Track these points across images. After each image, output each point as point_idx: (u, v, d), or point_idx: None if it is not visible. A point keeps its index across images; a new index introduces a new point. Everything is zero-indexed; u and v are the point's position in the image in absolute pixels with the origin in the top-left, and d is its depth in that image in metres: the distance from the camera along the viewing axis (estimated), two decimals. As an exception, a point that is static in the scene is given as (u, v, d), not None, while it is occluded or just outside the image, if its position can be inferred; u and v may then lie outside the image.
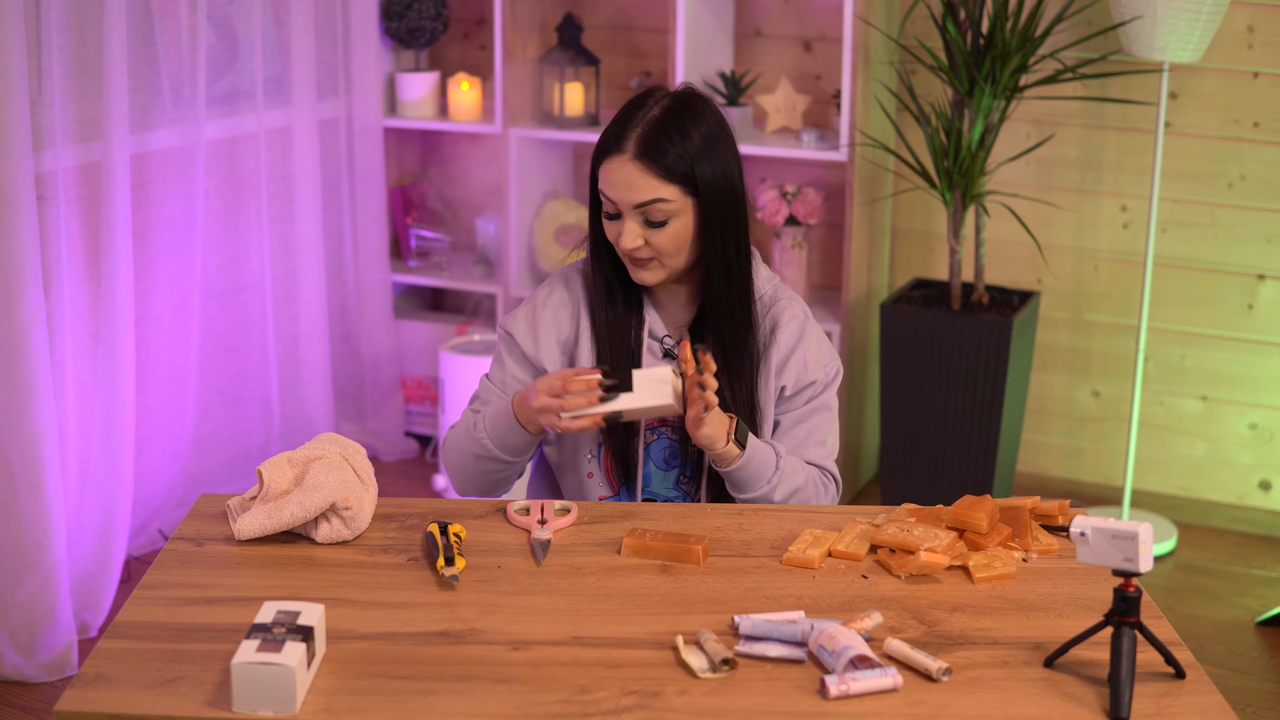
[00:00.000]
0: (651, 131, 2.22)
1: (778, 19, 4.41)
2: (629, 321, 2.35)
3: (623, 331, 2.34)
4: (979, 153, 3.85)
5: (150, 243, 3.77)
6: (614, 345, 2.33)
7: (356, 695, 1.69)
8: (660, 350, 2.36)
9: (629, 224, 2.23)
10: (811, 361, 2.37)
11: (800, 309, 2.39)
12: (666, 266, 2.27)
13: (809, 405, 2.38)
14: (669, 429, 2.35)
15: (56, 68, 3.37)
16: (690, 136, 2.23)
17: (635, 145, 2.21)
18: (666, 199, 2.22)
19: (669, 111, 2.24)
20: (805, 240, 4.27)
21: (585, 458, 2.36)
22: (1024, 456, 4.44)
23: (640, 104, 2.27)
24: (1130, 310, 4.24)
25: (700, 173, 2.23)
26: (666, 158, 2.21)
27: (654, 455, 2.35)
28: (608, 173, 2.23)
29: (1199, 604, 3.81)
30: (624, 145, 2.22)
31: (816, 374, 2.37)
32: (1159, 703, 1.70)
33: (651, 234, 2.23)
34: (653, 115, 2.24)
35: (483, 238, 4.69)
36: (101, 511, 3.56)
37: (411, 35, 4.53)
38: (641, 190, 2.21)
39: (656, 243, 2.24)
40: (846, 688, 1.69)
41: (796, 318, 2.37)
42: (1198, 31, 3.65)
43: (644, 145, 2.21)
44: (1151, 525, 1.80)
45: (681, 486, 2.37)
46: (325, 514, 2.06)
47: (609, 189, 2.23)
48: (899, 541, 2.01)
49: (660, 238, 2.24)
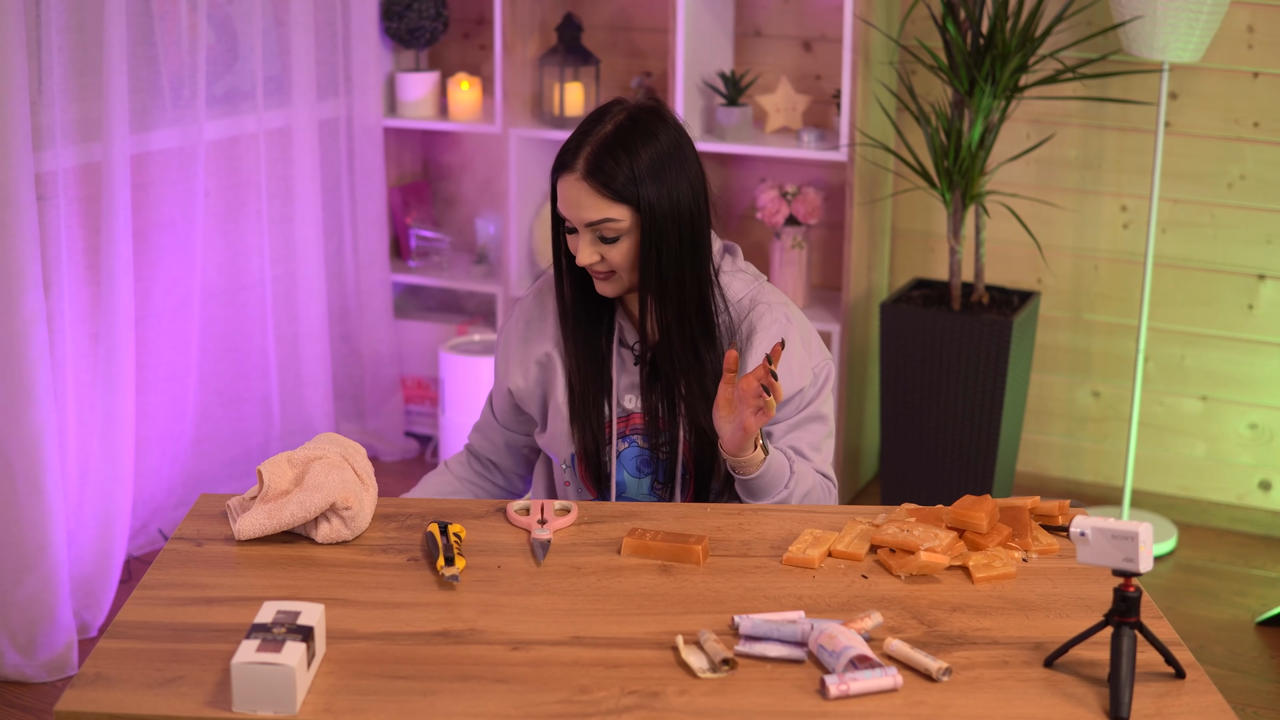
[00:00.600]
0: (601, 150, 2.21)
1: (778, 19, 4.41)
2: (599, 330, 2.36)
3: (592, 340, 2.35)
4: (979, 153, 3.85)
5: (150, 243, 3.77)
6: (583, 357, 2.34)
7: (356, 695, 1.69)
8: (631, 358, 2.35)
9: (583, 240, 2.24)
10: (796, 368, 2.31)
11: (781, 313, 2.33)
12: (624, 281, 2.28)
13: (801, 414, 2.33)
14: (639, 437, 2.35)
15: (56, 68, 3.37)
16: (639, 157, 2.21)
17: (584, 164, 2.21)
18: (615, 219, 2.22)
19: (621, 129, 2.22)
20: (805, 240, 4.27)
21: (560, 466, 2.38)
22: (1024, 456, 4.44)
23: (598, 119, 2.25)
24: (1130, 310, 4.24)
25: (643, 194, 2.21)
26: (614, 180, 2.20)
27: (625, 463, 2.35)
28: (561, 190, 2.24)
29: (1199, 604, 3.81)
30: (575, 164, 2.22)
31: (803, 380, 2.31)
32: (1159, 703, 1.70)
33: (606, 250, 2.24)
34: (605, 132, 2.22)
35: (483, 238, 4.69)
36: (101, 511, 3.56)
37: (411, 35, 4.53)
38: (590, 209, 2.22)
39: (611, 258, 2.24)
40: (846, 688, 1.69)
41: (777, 322, 2.32)
42: (1198, 31, 3.65)
43: (593, 165, 2.21)
44: (1151, 525, 1.80)
45: (656, 492, 2.36)
46: (325, 514, 2.06)
47: (562, 206, 2.25)
48: (899, 541, 2.01)
49: (614, 254, 2.24)
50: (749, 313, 2.32)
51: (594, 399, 2.34)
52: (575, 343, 2.35)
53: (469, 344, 4.44)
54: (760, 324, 2.31)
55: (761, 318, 2.32)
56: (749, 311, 2.33)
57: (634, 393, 2.35)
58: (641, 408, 2.34)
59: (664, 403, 2.33)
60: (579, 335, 2.35)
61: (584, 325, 2.35)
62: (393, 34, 4.54)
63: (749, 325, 2.32)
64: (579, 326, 2.35)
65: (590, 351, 2.35)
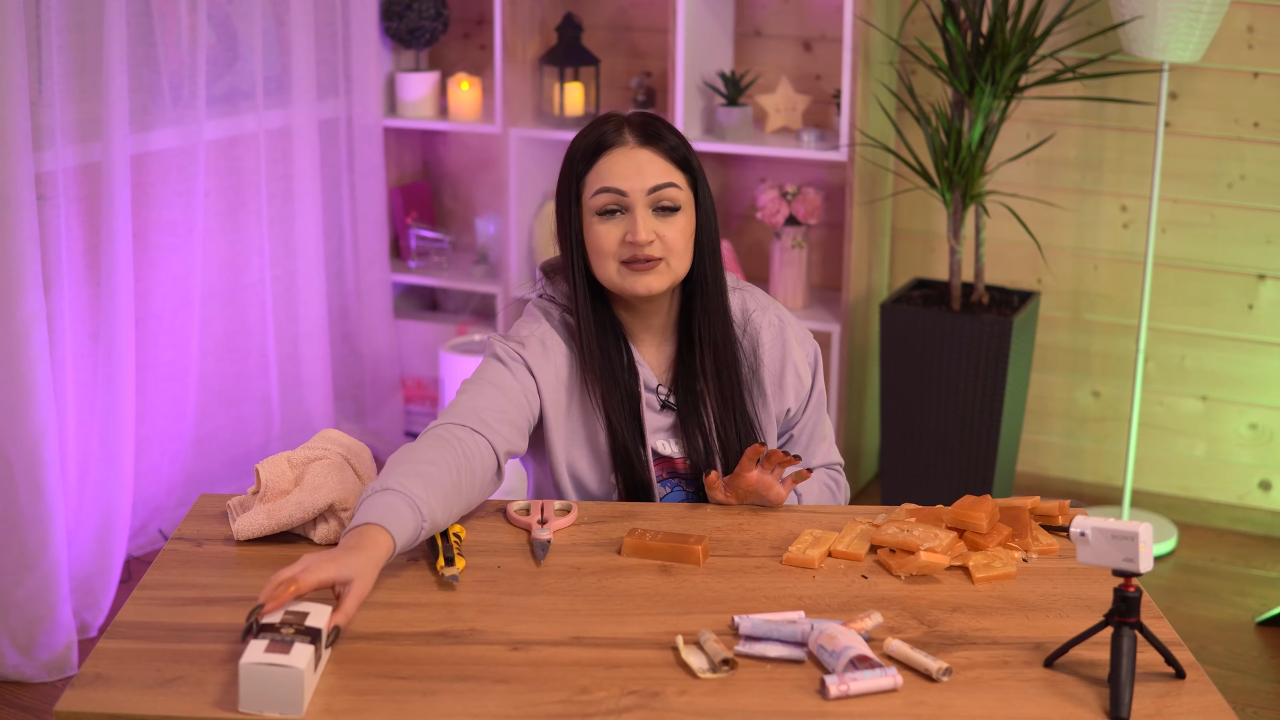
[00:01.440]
0: (647, 124, 2.19)
1: (778, 19, 4.41)
2: (622, 370, 2.24)
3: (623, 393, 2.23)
4: (979, 153, 3.85)
5: (150, 243, 3.77)
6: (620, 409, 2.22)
7: (356, 695, 1.69)
8: (658, 403, 2.26)
9: (640, 215, 2.14)
10: (802, 368, 2.32)
11: (773, 314, 2.32)
12: (673, 269, 2.18)
13: (809, 409, 2.36)
14: (682, 481, 2.29)
15: (56, 68, 3.37)
16: (680, 136, 2.22)
17: (636, 136, 2.17)
18: (676, 184, 2.17)
19: (645, 118, 2.21)
20: (805, 240, 4.27)
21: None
22: (1024, 456, 4.44)
23: (605, 121, 2.21)
24: (1130, 310, 4.24)
25: (695, 165, 2.20)
26: (673, 145, 2.18)
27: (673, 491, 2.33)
28: (610, 165, 2.15)
29: (1199, 604, 3.81)
30: (623, 139, 2.17)
31: (808, 376, 2.34)
32: (1159, 703, 1.70)
33: (662, 226, 2.15)
34: (632, 118, 2.20)
35: (483, 238, 4.69)
36: (101, 511, 3.56)
37: (411, 35, 4.53)
38: (654, 174, 2.15)
39: (667, 236, 2.15)
40: (846, 688, 1.69)
41: (772, 325, 2.30)
42: (1198, 31, 3.65)
43: (645, 134, 2.17)
44: (1151, 525, 1.80)
45: None
46: (324, 515, 2.06)
47: (616, 179, 2.14)
48: (899, 541, 2.01)
49: (671, 230, 2.16)
50: (746, 324, 2.30)
51: (633, 446, 2.23)
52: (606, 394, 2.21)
53: (469, 344, 4.44)
54: (760, 335, 2.30)
55: (759, 327, 2.30)
56: (745, 322, 2.31)
57: (662, 437, 2.27)
58: (684, 451, 2.27)
59: (701, 441, 2.25)
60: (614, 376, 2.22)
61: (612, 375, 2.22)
62: (393, 34, 4.54)
63: (750, 337, 2.30)
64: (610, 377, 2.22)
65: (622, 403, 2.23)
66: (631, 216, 2.15)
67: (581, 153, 2.18)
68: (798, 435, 2.36)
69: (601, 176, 2.16)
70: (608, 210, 2.17)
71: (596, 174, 2.17)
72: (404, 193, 4.76)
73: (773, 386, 2.30)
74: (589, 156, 2.17)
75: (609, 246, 2.17)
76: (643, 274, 2.17)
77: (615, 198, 2.15)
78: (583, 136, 2.20)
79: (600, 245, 2.17)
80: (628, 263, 2.17)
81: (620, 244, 2.16)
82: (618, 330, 2.25)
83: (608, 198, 2.16)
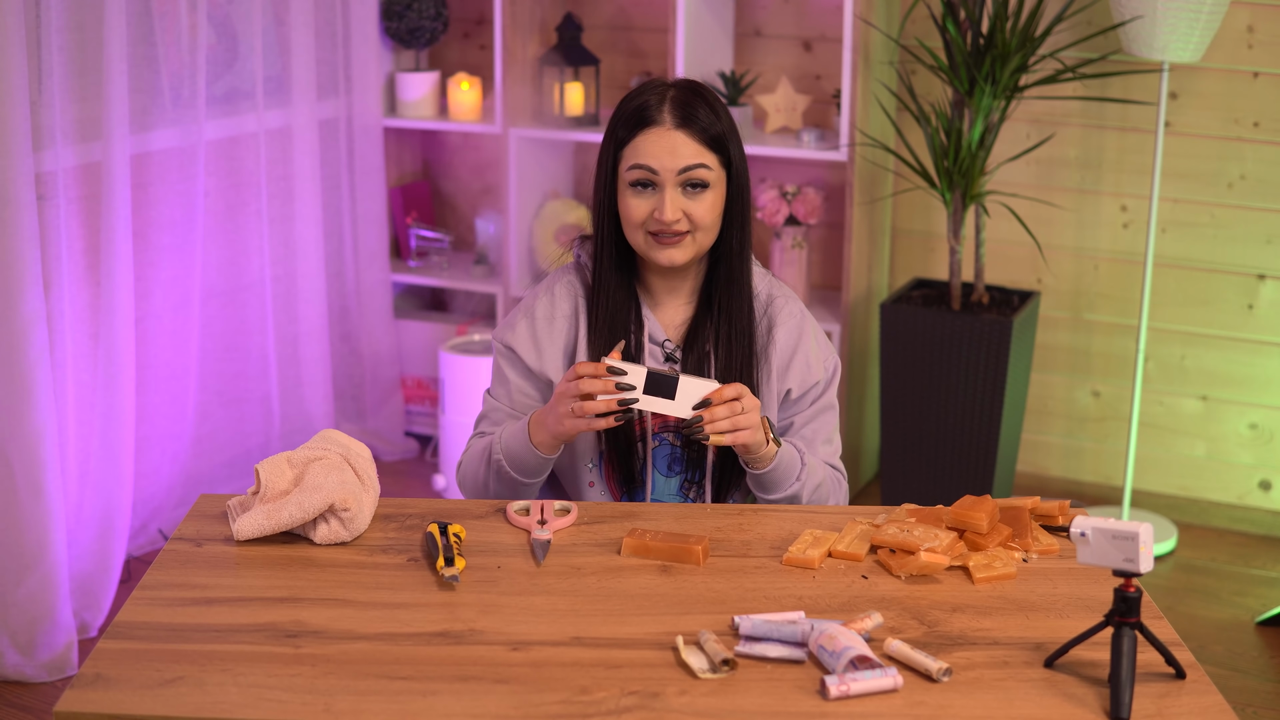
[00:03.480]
0: (684, 105, 2.25)
1: (778, 19, 4.41)
2: (628, 326, 2.34)
3: (622, 334, 2.32)
4: (979, 153, 3.85)
5: (150, 243, 3.77)
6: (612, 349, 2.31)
7: (356, 695, 1.69)
8: (661, 355, 2.34)
9: (669, 193, 2.24)
10: (814, 361, 2.37)
11: (797, 307, 2.39)
12: (698, 242, 2.27)
13: (815, 406, 2.38)
14: (670, 435, 2.34)
15: (56, 68, 3.37)
16: (717, 113, 2.28)
17: (674, 116, 2.25)
18: (708, 165, 2.25)
19: (685, 91, 2.28)
20: (805, 240, 4.27)
21: (585, 466, 2.34)
22: (1024, 456, 4.44)
23: (646, 91, 2.28)
24: (1130, 310, 4.24)
25: (730, 145, 2.28)
26: (706, 126, 2.25)
27: (657, 462, 2.34)
28: (644, 144, 2.24)
29: (1199, 604, 3.81)
30: (661, 117, 2.25)
31: (819, 374, 2.37)
32: (1159, 703, 1.70)
33: (690, 204, 2.25)
34: (672, 95, 2.27)
35: (483, 238, 4.69)
36: (101, 511, 3.56)
37: (411, 35, 4.53)
38: (686, 155, 2.23)
39: (695, 213, 2.24)
40: (847, 688, 1.69)
41: (794, 316, 2.37)
42: (1198, 31, 3.65)
43: (683, 115, 2.25)
44: (1151, 525, 1.80)
45: (684, 491, 2.36)
46: (324, 515, 2.06)
47: (649, 158, 2.24)
48: (899, 542, 2.01)
49: (699, 208, 2.25)
50: (768, 306, 2.37)
51: None
52: (606, 336, 2.32)
53: (469, 344, 4.44)
54: (779, 318, 2.37)
55: (780, 311, 2.37)
56: (768, 305, 2.37)
57: None
58: None
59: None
60: (614, 330, 2.32)
61: (614, 317, 2.32)
62: (393, 34, 4.54)
63: (769, 318, 2.37)
64: (613, 320, 2.32)
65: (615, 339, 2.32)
66: (661, 194, 2.25)
67: (624, 120, 2.28)
68: (798, 426, 2.38)
69: (637, 153, 2.26)
70: (639, 183, 2.26)
71: (633, 149, 2.26)
72: (404, 193, 4.76)
73: (779, 366, 2.35)
74: (630, 125, 2.27)
75: (638, 217, 2.27)
76: (667, 246, 2.27)
77: (647, 174, 2.25)
78: (628, 100, 2.29)
79: (630, 215, 2.28)
80: (655, 234, 2.27)
81: (649, 217, 2.26)
82: (633, 285, 2.35)
83: (640, 173, 2.26)
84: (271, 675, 1.72)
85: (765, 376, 2.34)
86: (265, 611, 1.87)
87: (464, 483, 2.37)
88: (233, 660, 1.75)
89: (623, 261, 2.34)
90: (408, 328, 4.74)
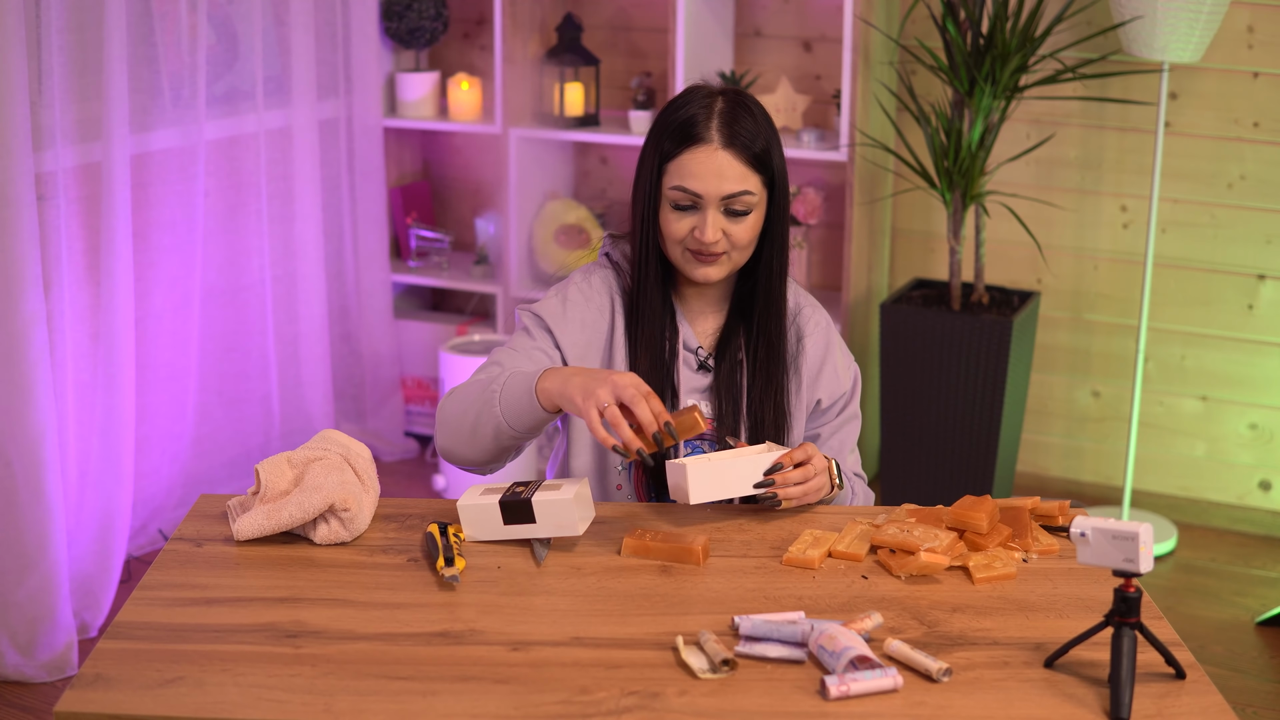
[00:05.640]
0: (732, 121, 2.20)
1: (778, 19, 4.41)
2: (664, 333, 2.30)
3: (658, 343, 2.29)
4: (979, 153, 3.85)
5: (150, 243, 3.77)
6: (651, 357, 2.28)
7: (356, 695, 1.69)
8: (695, 362, 2.31)
9: (711, 216, 2.20)
10: (842, 371, 2.37)
11: (823, 317, 2.38)
12: (734, 261, 2.25)
13: (841, 415, 2.39)
14: (704, 443, 2.32)
15: (56, 68, 3.37)
16: (760, 124, 2.22)
17: (721, 135, 2.19)
18: (751, 191, 2.21)
19: (732, 104, 2.22)
20: (805, 240, 4.27)
21: (615, 469, 2.32)
22: (1024, 456, 4.44)
23: (692, 100, 2.22)
24: (1130, 310, 4.24)
25: (774, 161, 2.23)
26: (752, 146, 2.20)
27: None
28: (691, 163, 2.19)
29: (1199, 604, 3.81)
30: (708, 136, 2.19)
31: (846, 383, 2.37)
32: (1159, 703, 1.70)
33: (731, 226, 2.21)
34: (720, 108, 2.21)
35: (483, 238, 4.69)
36: (101, 511, 3.56)
37: (411, 35, 4.53)
38: (732, 181, 2.19)
39: (735, 234, 2.21)
40: (847, 688, 1.69)
41: (821, 326, 2.36)
42: (1198, 31, 3.65)
43: (730, 135, 2.19)
44: (1151, 525, 1.80)
45: None
46: (324, 515, 2.06)
47: (692, 180, 2.19)
48: (899, 542, 2.01)
49: (739, 229, 2.21)
50: (796, 316, 2.36)
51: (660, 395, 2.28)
52: (642, 342, 2.28)
53: (469, 344, 4.44)
54: (807, 328, 2.36)
55: (808, 321, 2.36)
56: (796, 315, 2.36)
57: (695, 397, 2.31)
58: (714, 414, 2.30)
59: (731, 407, 2.30)
60: (651, 335, 2.29)
61: (652, 325, 2.29)
62: (393, 34, 4.54)
63: (797, 329, 2.35)
64: (649, 325, 2.29)
65: (655, 353, 2.29)
66: (703, 215, 2.21)
67: (670, 132, 2.22)
68: (826, 437, 2.38)
69: (682, 173, 2.20)
70: (681, 205, 2.22)
71: (678, 166, 2.21)
72: (404, 193, 4.76)
73: (809, 376, 2.34)
74: (676, 139, 2.21)
75: (677, 234, 2.24)
76: (704, 264, 2.24)
77: (690, 197, 2.21)
78: (674, 109, 2.23)
79: (670, 231, 2.24)
80: (693, 251, 2.24)
81: (688, 235, 2.23)
82: (668, 292, 2.31)
83: (683, 196, 2.22)
84: (271, 675, 1.72)
85: (796, 388, 2.33)
86: (265, 611, 1.87)
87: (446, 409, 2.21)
88: (233, 660, 1.75)
89: (661, 267, 2.30)
90: (408, 328, 4.74)
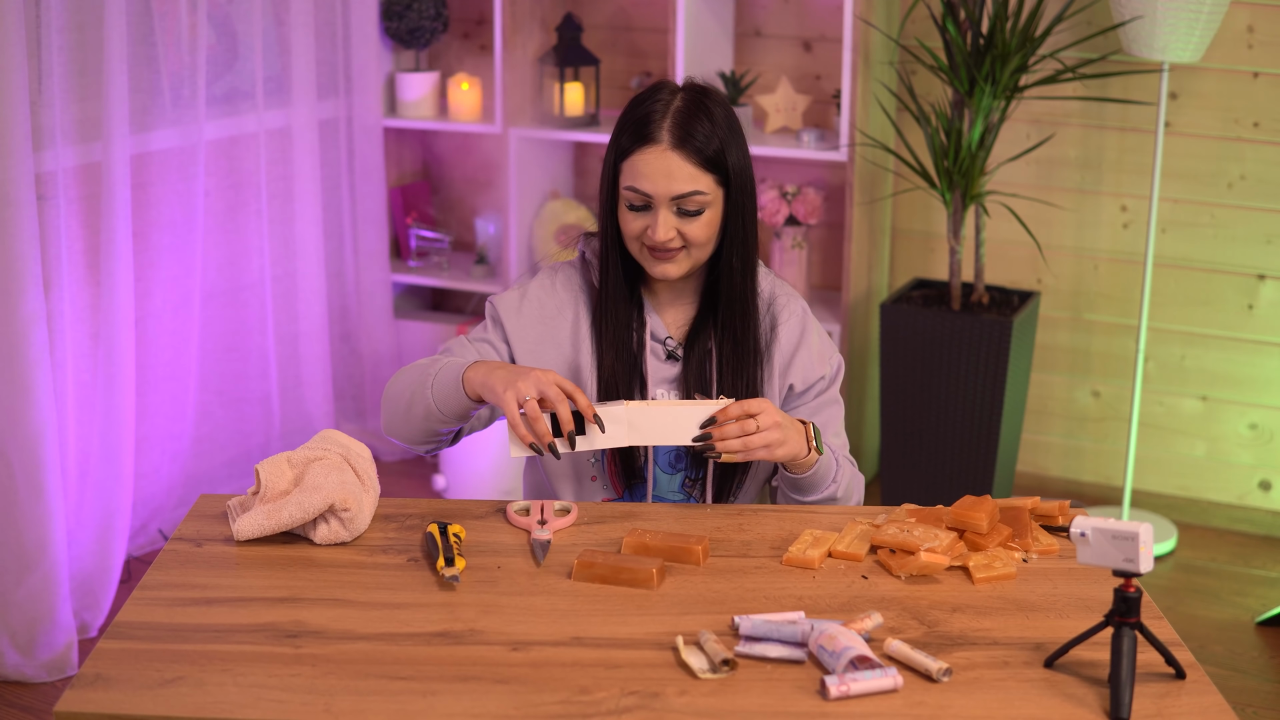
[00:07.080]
0: (685, 121, 2.21)
1: (778, 19, 4.41)
2: (630, 324, 2.33)
3: (625, 334, 2.32)
4: (979, 153, 3.85)
5: (150, 243, 3.77)
6: (618, 348, 2.31)
7: (356, 695, 1.69)
8: (663, 352, 2.34)
9: (663, 215, 2.21)
10: (816, 356, 2.37)
11: (799, 305, 2.39)
12: (693, 257, 2.26)
13: (819, 399, 2.38)
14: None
15: (56, 68, 3.37)
16: (717, 124, 2.23)
17: (671, 135, 2.20)
18: (703, 191, 2.21)
19: (690, 102, 2.23)
20: (805, 240, 4.27)
21: (588, 461, 2.34)
22: (1024, 456, 4.44)
23: (653, 97, 2.25)
24: (1130, 310, 4.24)
25: (730, 160, 2.23)
26: (704, 147, 2.21)
27: (660, 458, 2.34)
28: (641, 164, 2.21)
29: (1199, 604, 3.81)
30: (658, 136, 2.20)
31: (823, 369, 2.37)
32: (1159, 703, 1.70)
33: (684, 224, 2.22)
34: (677, 106, 2.22)
35: (483, 238, 4.69)
36: (101, 511, 3.56)
37: (411, 35, 4.53)
38: (681, 181, 2.20)
39: (690, 233, 2.22)
40: (847, 688, 1.69)
41: (796, 314, 2.37)
42: (1198, 31, 3.65)
43: (681, 135, 2.20)
44: (1151, 525, 1.80)
45: (686, 489, 2.36)
46: (324, 515, 2.06)
47: (642, 181, 2.21)
48: (899, 542, 2.01)
49: (694, 228, 2.22)
50: (771, 304, 2.37)
51: (628, 394, 2.30)
52: (608, 334, 2.31)
53: (469, 344, 4.44)
54: (781, 316, 2.36)
55: (782, 309, 2.37)
56: (770, 303, 2.37)
57: (664, 387, 2.33)
58: None
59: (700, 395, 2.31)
60: (617, 330, 2.31)
61: (618, 316, 2.31)
62: (393, 34, 4.54)
63: (771, 316, 2.36)
64: (616, 317, 2.31)
65: (622, 344, 2.31)
66: (655, 215, 2.22)
67: (627, 128, 2.24)
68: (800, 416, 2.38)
69: (634, 173, 2.22)
70: (635, 205, 2.24)
71: (630, 166, 2.23)
72: (404, 193, 4.76)
73: (781, 363, 2.35)
74: (631, 136, 2.23)
75: (633, 232, 2.26)
76: (662, 261, 2.26)
77: (642, 197, 2.23)
78: (635, 105, 2.26)
79: (626, 229, 2.27)
80: (650, 248, 2.25)
81: (643, 232, 2.25)
82: (636, 283, 2.34)
83: (635, 195, 2.23)
84: (271, 675, 1.72)
85: (768, 375, 2.34)
86: (265, 611, 1.87)
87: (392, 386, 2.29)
88: (233, 660, 1.75)
89: (626, 260, 2.32)
90: (408, 328, 4.74)
